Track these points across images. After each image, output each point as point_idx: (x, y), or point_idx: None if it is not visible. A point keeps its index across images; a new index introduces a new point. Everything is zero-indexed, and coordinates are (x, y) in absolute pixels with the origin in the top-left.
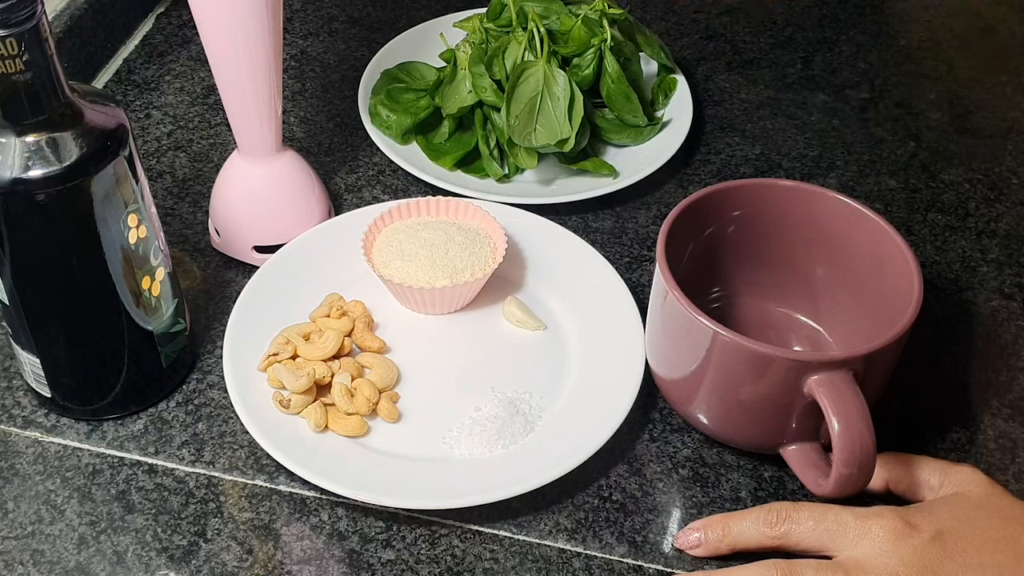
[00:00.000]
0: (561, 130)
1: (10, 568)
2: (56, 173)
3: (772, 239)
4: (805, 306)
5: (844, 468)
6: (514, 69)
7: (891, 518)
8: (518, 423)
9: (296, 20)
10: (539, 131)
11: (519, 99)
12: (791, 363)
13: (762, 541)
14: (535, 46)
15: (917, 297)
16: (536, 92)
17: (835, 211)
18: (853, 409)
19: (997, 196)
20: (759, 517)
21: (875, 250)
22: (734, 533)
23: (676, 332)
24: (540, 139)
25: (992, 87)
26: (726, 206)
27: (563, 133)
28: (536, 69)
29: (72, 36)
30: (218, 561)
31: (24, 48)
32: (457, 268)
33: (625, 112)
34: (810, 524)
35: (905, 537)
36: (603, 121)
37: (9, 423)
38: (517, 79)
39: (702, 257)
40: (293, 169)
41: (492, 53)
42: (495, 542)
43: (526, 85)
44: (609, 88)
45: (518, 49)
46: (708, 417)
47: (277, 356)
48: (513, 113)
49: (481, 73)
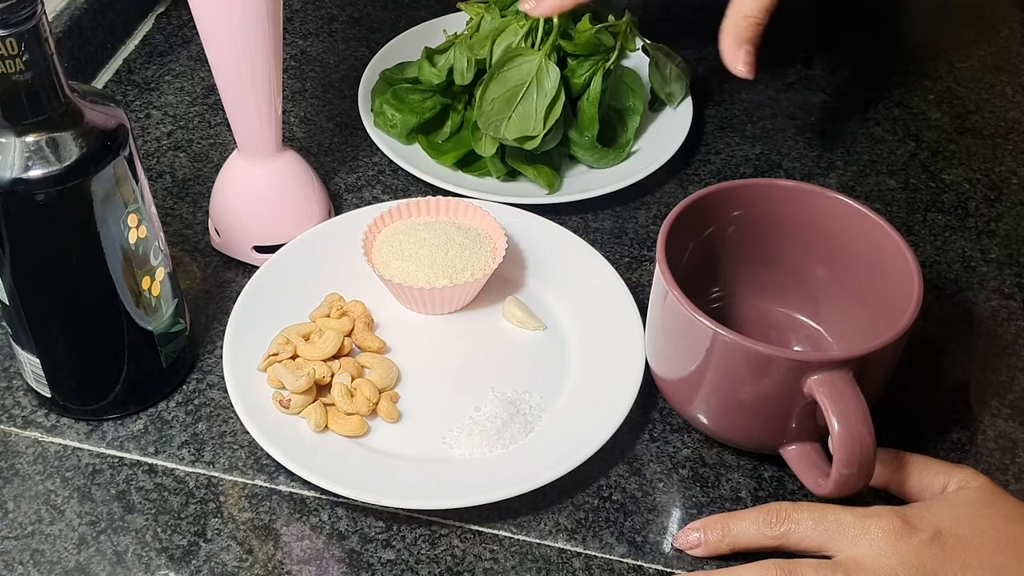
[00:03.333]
0: (535, 127)
1: (10, 568)
2: (56, 173)
3: (772, 239)
4: (805, 306)
5: (844, 468)
6: (506, 53)
7: (890, 518)
8: (518, 423)
9: (296, 20)
10: (513, 121)
11: (502, 83)
12: (791, 363)
13: (761, 541)
14: (534, 37)
15: (917, 297)
16: (524, 81)
17: (835, 211)
18: (853, 409)
19: (997, 196)
20: (758, 517)
21: (875, 250)
22: (733, 533)
23: (676, 332)
24: (511, 130)
25: (992, 87)
26: (726, 206)
27: (534, 130)
28: (531, 58)
29: (72, 36)
30: (218, 561)
31: (24, 48)
32: (457, 268)
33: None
34: (809, 524)
35: (904, 537)
36: (575, 133)
37: (9, 423)
38: (505, 63)
39: (702, 257)
40: (293, 169)
41: (484, 34)
42: (495, 542)
43: (515, 72)
44: (584, 104)
45: (514, 36)
46: (708, 417)
47: (277, 356)
48: (490, 96)
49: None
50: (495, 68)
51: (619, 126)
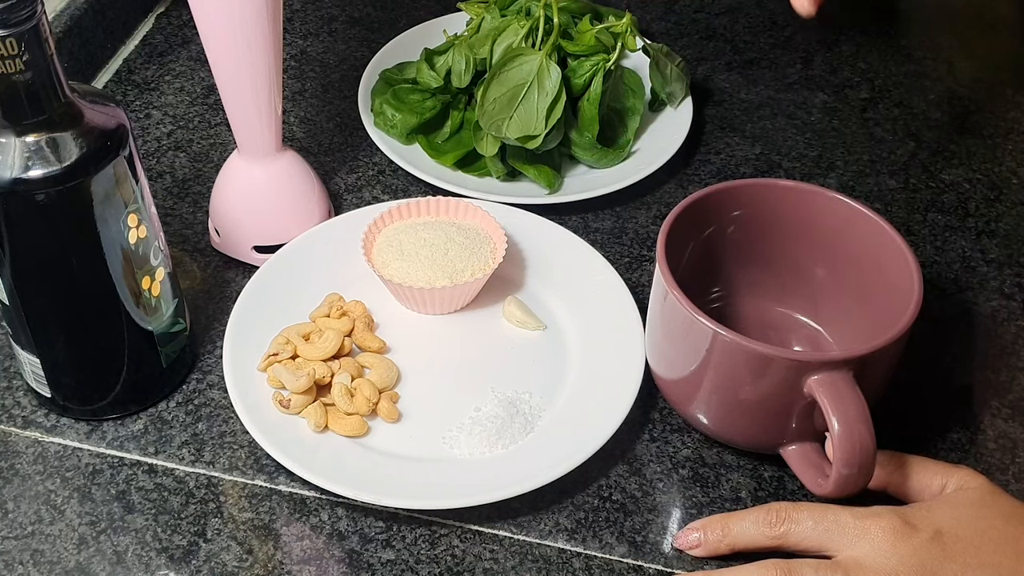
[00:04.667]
0: (536, 126)
1: (10, 568)
2: (56, 173)
3: (772, 239)
4: (805, 306)
5: (844, 468)
6: (507, 53)
7: (890, 518)
8: (518, 423)
9: (296, 20)
10: (514, 121)
11: (503, 83)
12: (791, 363)
13: (761, 541)
14: (535, 37)
15: (917, 297)
16: (525, 81)
17: (835, 211)
18: (853, 409)
19: (997, 196)
20: (759, 517)
21: (875, 250)
22: (734, 533)
23: (676, 332)
24: (513, 130)
25: (992, 87)
26: (726, 206)
27: (536, 130)
28: (532, 58)
29: (72, 36)
30: (218, 561)
31: (24, 48)
32: (457, 268)
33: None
34: (809, 524)
35: (904, 537)
36: (575, 133)
37: (9, 423)
38: (506, 63)
39: (702, 257)
40: (293, 169)
41: (484, 34)
42: (495, 542)
43: (516, 71)
44: (584, 104)
45: (515, 36)
46: (708, 417)
47: (277, 356)
48: (492, 95)
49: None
50: (496, 68)
51: (619, 126)
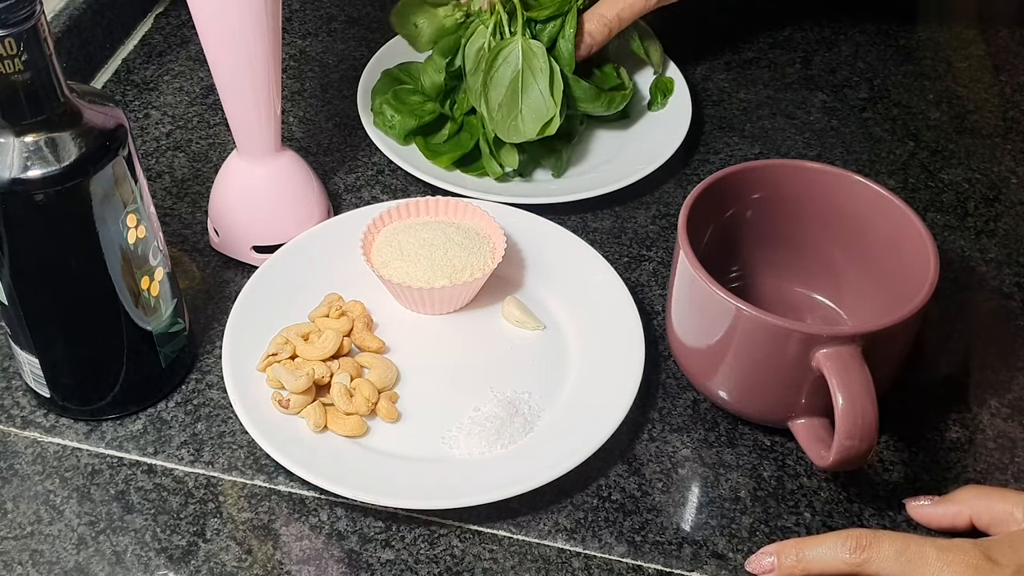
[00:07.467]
0: (548, 109)
1: (9, 568)
2: (55, 173)
3: (792, 220)
4: (824, 287)
5: (846, 439)
6: (489, 53)
7: (973, 553)
8: (517, 423)
9: (295, 20)
10: (525, 114)
11: (498, 84)
12: (800, 335)
13: (839, 567)
14: (502, 28)
15: (932, 280)
16: (516, 71)
17: (856, 193)
18: (857, 382)
19: (996, 196)
20: (836, 542)
21: (894, 233)
22: (809, 558)
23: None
24: (527, 124)
25: (991, 87)
26: (746, 187)
27: (549, 112)
28: (512, 46)
29: (71, 36)
30: (217, 561)
31: (23, 48)
32: (456, 268)
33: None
34: (891, 554)
35: (986, 573)
36: (578, 90)
37: (8, 423)
38: (492, 63)
39: (721, 237)
40: (292, 169)
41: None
42: (494, 542)
43: (505, 67)
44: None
45: (485, 33)
46: (724, 389)
47: (276, 356)
48: (494, 102)
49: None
50: (485, 74)
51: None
